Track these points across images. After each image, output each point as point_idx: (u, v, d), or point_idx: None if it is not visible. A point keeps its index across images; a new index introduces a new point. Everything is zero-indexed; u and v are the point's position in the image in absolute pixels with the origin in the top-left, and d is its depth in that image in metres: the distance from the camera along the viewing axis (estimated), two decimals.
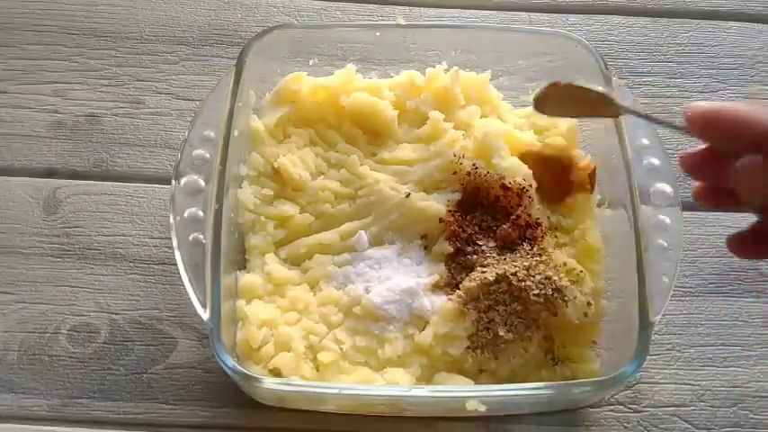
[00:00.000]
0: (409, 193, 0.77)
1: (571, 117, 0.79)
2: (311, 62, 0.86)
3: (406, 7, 1.01)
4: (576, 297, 0.70)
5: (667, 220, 0.71)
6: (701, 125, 0.52)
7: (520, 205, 0.76)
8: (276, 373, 0.70)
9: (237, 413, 0.74)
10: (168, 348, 0.77)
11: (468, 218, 0.77)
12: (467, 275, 0.73)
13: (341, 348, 0.71)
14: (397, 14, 1.00)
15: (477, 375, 0.72)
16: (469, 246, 0.75)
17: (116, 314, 0.79)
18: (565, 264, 0.72)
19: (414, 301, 0.73)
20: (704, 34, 1.00)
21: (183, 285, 0.67)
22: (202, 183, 0.72)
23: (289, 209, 0.78)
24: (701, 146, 0.55)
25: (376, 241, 0.78)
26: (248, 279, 0.74)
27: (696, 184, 0.58)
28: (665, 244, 0.70)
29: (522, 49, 0.86)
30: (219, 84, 0.77)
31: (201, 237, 0.69)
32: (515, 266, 0.71)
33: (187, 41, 0.98)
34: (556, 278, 0.70)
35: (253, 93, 0.81)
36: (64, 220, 0.85)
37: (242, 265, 0.77)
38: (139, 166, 0.89)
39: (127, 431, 0.74)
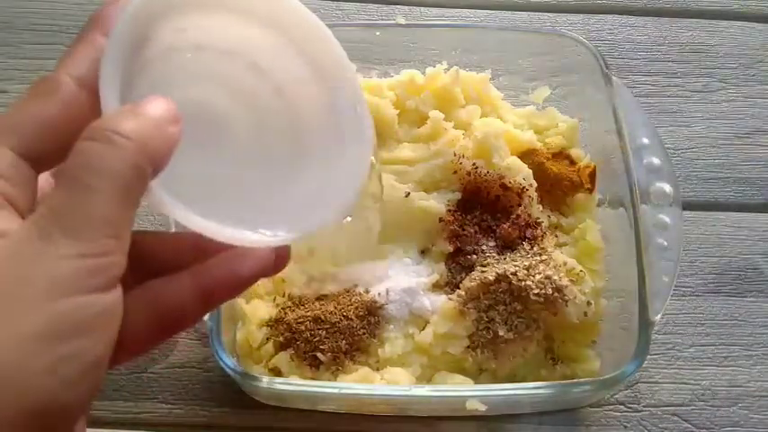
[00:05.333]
0: (409, 193, 0.77)
1: None
2: None
3: (406, 7, 1.01)
4: (576, 297, 0.70)
5: (667, 220, 0.71)
6: None
7: (520, 205, 0.76)
8: (276, 372, 0.70)
9: (237, 413, 0.74)
10: (168, 348, 0.77)
11: (468, 217, 0.77)
12: (467, 275, 0.73)
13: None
14: (397, 14, 1.00)
15: (477, 375, 0.72)
16: (469, 245, 0.75)
17: None
18: (565, 263, 0.72)
19: (414, 300, 0.73)
20: (704, 34, 1.00)
21: None
22: None
23: None
24: None
25: None
26: None
27: None
28: (665, 243, 0.70)
29: (522, 49, 0.86)
30: None
31: None
32: (515, 266, 0.71)
33: None
34: (556, 278, 0.70)
35: None
36: None
37: None
38: None
39: (127, 431, 0.74)
